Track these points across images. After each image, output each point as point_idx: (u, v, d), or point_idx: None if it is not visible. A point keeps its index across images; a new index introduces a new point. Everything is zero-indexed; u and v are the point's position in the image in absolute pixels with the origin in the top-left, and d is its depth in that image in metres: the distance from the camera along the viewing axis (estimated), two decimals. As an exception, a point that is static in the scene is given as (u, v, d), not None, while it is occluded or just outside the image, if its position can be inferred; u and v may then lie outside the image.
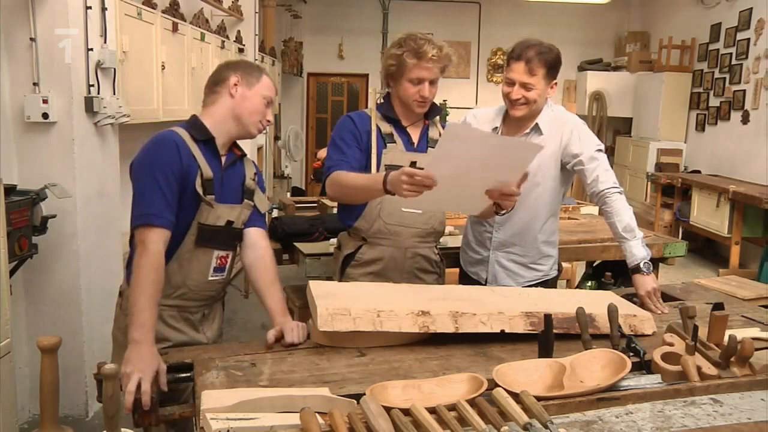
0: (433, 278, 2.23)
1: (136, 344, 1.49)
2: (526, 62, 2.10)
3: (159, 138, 1.73)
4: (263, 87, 1.82)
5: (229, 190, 1.83)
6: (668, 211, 6.85)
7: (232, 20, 5.59)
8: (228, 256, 1.86)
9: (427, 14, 9.07)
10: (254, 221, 1.89)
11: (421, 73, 2.03)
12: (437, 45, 2.03)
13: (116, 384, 1.31)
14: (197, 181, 1.72)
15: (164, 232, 1.66)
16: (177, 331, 1.79)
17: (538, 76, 2.12)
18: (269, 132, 7.23)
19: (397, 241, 2.12)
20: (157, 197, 1.66)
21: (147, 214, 1.65)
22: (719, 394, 1.38)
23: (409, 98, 2.08)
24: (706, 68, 7.23)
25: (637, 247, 2.09)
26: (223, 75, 1.81)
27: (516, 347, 1.67)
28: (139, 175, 1.70)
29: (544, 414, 1.20)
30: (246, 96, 1.79)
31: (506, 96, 2.18)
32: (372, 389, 1.33)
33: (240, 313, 4.50)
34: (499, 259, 2.32)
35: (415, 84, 2.05)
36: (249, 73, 1.81)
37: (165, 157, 1.69)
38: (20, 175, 2.79)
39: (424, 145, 2.17)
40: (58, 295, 2.90)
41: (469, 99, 9.26)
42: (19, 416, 2.71)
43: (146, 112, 3.48)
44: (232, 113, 1.80)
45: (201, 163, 1.74)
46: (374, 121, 2.13)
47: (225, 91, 1.80)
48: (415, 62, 2.01)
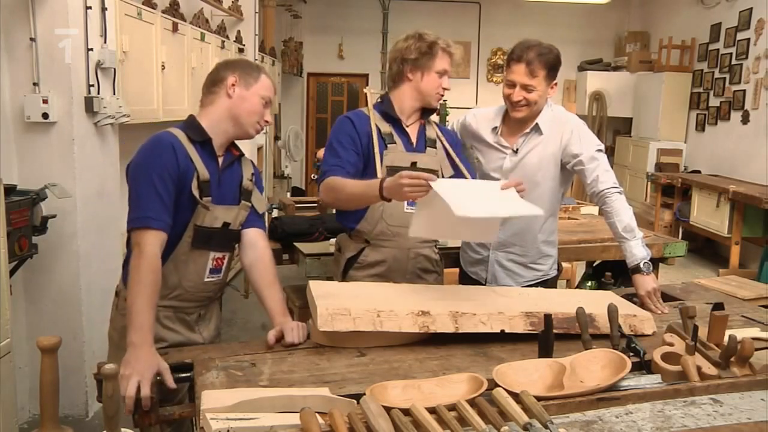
0: (433, 277, 2.24)
1: (135, 347, 1.49)
2: (526, 64, 2.11)
3: (155, 140, 1.72)
4: (261, 87, 1.80)
5: (227, 191, 1.81)
6: (668, 211, 6.85)
7: (232, 20, 5.59)
8: (224, 258, 1.85)
9: (427, 14, 9.07)
10: (252, 222, 1.88)
11: (446, 66, 2.09)
12: (451, 44, 2.12)
13: (116, 384, 1.31)
14: (194, 183, 1.71)
15: (161, 234, 1.65)
16: (172, 332, 1.79)
17: (539, 77, 2.12)
18: (269, 132, 7.23)
19: (399, 242, 2.12)
20: (154, 200, 1.64)
21: (144, 217, 1.64)
22: (719, 394, 1.38)
23: (432, 90, 2.11)
24: (706, 68, 7.23)
25: (637, 247, 2.09)
26: (221, 75, 1.79)
27: (516, 347, 1.67)
28: (135, 177, 1.69)
29: (544, 414, 1.20)
30: (244, 96, 1.77)
31: (507, 98, 2.18)
32: (372, 389, 1.33)
33: (240, 313, 4.50)
34: (498, 258, 2.32)
35: (441, 75, 2.09)
36: (247, 73, 1.79)
37: (162, 159, 1.67)
38: (20, 175, 2.79)
39: (422, 145, 2.16)
40: (58, 295, 2.90)
41: (469, 99, 9.25)
42: (19, 416, 2.71)
43: (146, 112, 3.48)
44: (230, 114, 1.78)
45: (198, 165, 1.73)
46: (373, 122, 2.12)
47: (222, 92, 1.78)
48: (441, 54, 2.07)
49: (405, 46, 2.09)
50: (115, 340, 1.78)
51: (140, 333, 1.51)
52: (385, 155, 2.09)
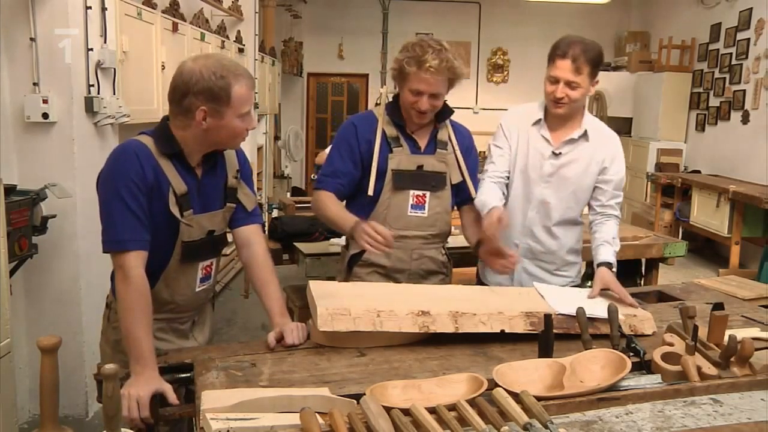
0: (439, 278, 2.23)
1: (138, 375, 1.47)
2: (572, 60, 2.02)
3: (119, 149, 1.61)
4: (237, 107, 1.57)
5: (210, 197, 1.71)
6: (668, 211, 6.85)
7: (232, 20, 5.59)
8: (212, 264, 1.79)
9: (427, 14, 9.07)
10: (243, 220, 1.80)
11: (420, 85, 1.98)
12: (442, 56, 1.95)
13: (116, 384, 1.31)
14: (171, 199, 1.60)
15: (141, 253, 1.57)
16: (166, 342, 1.75)
17: (584, 74, 2.05)
18: (269, 132, 7.23)
19: (403, 243, 2.11)
20: (127, 220, 1.55)
21: (120, 241, 1.55)
22: (719, 394, 1.38)
23: (408, 107, 2.05)
24: (706, 68, 7.22)
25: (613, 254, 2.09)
26: (188, 102, 1.56)
27: (516, 347, 1.67)
28: (104, 195, 1.59)
29: (544, 414, 1.20)
30: (220, 126, 1.58)
31: (549, 94, 2.10)
32: (372, 389, 1.33)
33: (240, 313, 4.50)
34: (525, 266, 2.24)
35: (414, 95, 2.01)
36: (215, 99, 1.54)
37: (126, 171, 1.56)
38: (20, 175, 2.79)
39: (432, 148, 2.14)
40: (58, 295, 2.90)
41: (469, 99, 9.26)
42: (19, 416, 2.71)
43: (146, 112, 3.48)
44: (207, 139, 1.62)
45: (171, 178, 1.60)
46: (381, 125, 2.11)
47: (193, 122, 1.58)
48: (414, 71, 1.96)
49: (395, 57, 2.04)
50: (108, 354, 1.75)
51: (141, 361, 1.48)
52: (391, 158, 2.09)
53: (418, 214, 2.12)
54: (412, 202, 2.11)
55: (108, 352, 1.76)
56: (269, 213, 5.49)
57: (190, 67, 1.55)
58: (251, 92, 1.61)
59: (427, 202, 2.12)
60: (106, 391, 1.24)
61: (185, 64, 1.59)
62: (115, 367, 1.32)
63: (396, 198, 2.11)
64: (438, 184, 2.14)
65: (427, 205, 2.13)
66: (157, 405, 1.44)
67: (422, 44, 1.98)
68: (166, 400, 1.46)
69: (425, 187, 2.12)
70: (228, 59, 1.63)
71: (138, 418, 1.41)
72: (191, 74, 1.54)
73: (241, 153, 1.82)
